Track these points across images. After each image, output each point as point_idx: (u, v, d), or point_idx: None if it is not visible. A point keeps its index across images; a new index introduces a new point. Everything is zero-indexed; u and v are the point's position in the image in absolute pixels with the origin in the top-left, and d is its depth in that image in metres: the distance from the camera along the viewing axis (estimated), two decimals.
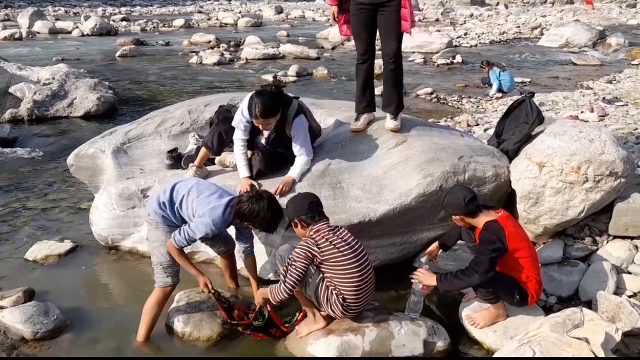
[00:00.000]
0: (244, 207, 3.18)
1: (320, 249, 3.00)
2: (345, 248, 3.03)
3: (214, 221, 3.16)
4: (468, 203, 3.15)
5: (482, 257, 3.03)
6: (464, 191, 3.23)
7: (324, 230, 3.07)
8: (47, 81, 8.99)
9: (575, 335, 2.78)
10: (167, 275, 3.28)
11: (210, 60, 14.36)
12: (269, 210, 3.18)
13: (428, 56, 14.69)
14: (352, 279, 3.01)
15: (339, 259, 3.00)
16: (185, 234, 3.17)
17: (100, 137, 4.66)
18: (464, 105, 9.34)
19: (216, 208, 3.20)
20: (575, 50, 15.76)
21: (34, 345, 3.22)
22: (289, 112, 3.82)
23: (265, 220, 3.19)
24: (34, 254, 4.25)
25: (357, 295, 3.03)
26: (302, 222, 3.12)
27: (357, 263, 3.04)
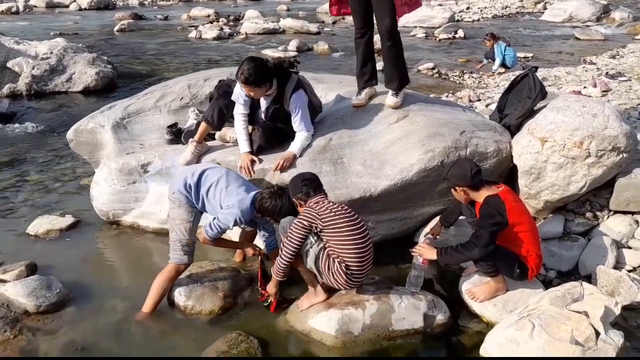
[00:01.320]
0: (266, 203, 3.21)
1: (321, 216, 3.02)
2: (345, 215, 3.05)
3: (243, 212, 3.21)
4: (474, 175, 3.14)
5: (483, 231, 3.04)
6: (470, 163, 3.24)
7: (323, 201, 3.11)
8: (45, 56, 8.89)
9: (574, 309, 2.81)
10: (184, 253, 3.32)
11: (210, 34, 14.20)
12: (291, 204, 3.21)
13: (430, 31, 14.51)
14: (355, 245, 3.03)
15: (340, 224, 3.02)
16: (217, 227, 3.23)
17: (100, 112, 4.63)
18: (465, 80, 9.26)
19: (244, 200, 3.24)
20: (578, 24, 15.56)
21: (37, 318, 3.25)
22: (287, 86, 3.78)
23: (287, 214, 3.23)
24: (36, 228, 4.26)
25: (360, 262, 3.05)
26: (299, 200, 3.16)
27: (359, 230, 3.06)
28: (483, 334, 3.03)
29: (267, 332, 3.15)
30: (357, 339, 3.03)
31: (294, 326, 3.18)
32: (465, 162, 3.30)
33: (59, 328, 3.18)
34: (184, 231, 3.30)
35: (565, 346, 2.65)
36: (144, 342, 3.15)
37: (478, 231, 3.08)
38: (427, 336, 3.12)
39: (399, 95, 4.13)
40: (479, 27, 15.59)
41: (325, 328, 3.07)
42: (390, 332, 3.07)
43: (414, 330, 3.10)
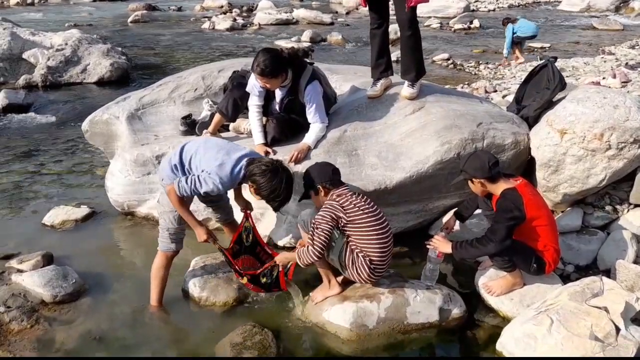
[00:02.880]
0: (257, 177, 3.03)
1: (346, 210, 2.99)
2: (368, 209, 3.03)
3: (222, 179, 3.03)
4: (491, 167, 3.09)
5: (499, 226, 2.99)
6: (487, 155, 3.19)
7: (346, 194, 3.06)
8: (60, 47, 8.94)
9: (594, 304, 2.76)
10: (171, 241, 3.23)
11: (223, 25, 14.18)
12: (285, 188, 3.05)
13: (444, 21, 14.38)
14: (378, 239, 3.01)
15: (364, 219, 2.99)
16: (192, 183, 3.02)
17: (114, 103, 4.63)
18: (481, 71, 9.16)
19: (224, 165, 3.06)
20: (596, 14, 15.31)
21: (54, 308, 3.27)
22: (302, 77, 3.75)
23: (280, 200, 3.08)
24: (52, 219, 4.29)
25: (382, 256, 3.04)
26: (325, 189, 3.10)
27: (381, 224, 3.04)
28: (499, 329, 3.00)
29: (281, 324, 3.15)
30: (372, 332, 3.02)
31: (308, 318, 3.17)
32: (482, 154, 3.25)
33: (75, 318, 3.20)
34: (172, 219, 3.20)
35: (584, 342, 2.61)
36: (159, 333, 3.17)
37: (494, 225, 3.03)
38: (443, 330, 3.09)
39: (415, 87, 4.07)
40: (495, 18, 15.40)
41: (339, 321, 3.05)
42: (405, 325, 3.05)
43: (429, 324, 3.07)
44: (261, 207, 3.92)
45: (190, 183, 3.02)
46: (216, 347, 2.95)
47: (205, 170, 3.06)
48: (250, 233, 3.36)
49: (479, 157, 3.18)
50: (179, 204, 3.09)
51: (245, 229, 3.39)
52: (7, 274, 3.52)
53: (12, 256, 3.75)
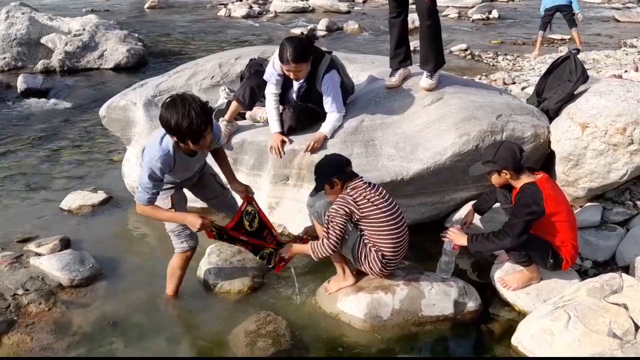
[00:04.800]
0: (160, 115, 2.63)
1: (359, 206, 2.96)
2: (382, 204, 3.00)
3: (152, 155, 2.72)
4: (521, 158, 3.03)
5: (516, 220, 2.96)
6: (516, 146, 3.11)
7: (361, 188, 3.02)
8: (78, 32, 8.98)
9: (613, 301, 2.72)
10: (182, 241, 3.11)
11: (239, 13, 14.15)
12: (188, 114, 2.54)
13: (463, 11, 14.20)
14: (391, 235, 2.99)
15: (377, 215, 2.97)
16: (140, 185, 2.78)
17: (132, 90, 4.64)
18: (499, 62, 9.04)
19: (152, 140, 2.80)
20: (618, 6, 15.01)
21: (71, 292, 3.31)
22: (320, 66, 3.72)
23: (187, 128, 2.56)
24: (69, 203, 4.33)
25: (395, 250, 3.02)
26: (340, 182, 3.05)
27: (395, 219, 3.01)
28: (515, 323, 2.98)
29: (295, 313, 3.15)
30: (386, 323, 3.01)
31: (322, 308, 3.17)
32: (511, 144, 3.15)
33: (91, 302, 3.24)
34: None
35: (602, 339, 2.58)
36: (173, 319, 3.19)
37: (512, 220, 2.99)
38: (457, 323, 3.07)
39: (434, 77, 4.02)
40: (514, 8, 15.19)
41: (354, 311, 3.05)
42: (420, 317, 3.03)
43: (444, 316, 3.06)
44: (276, 197, 3.93)
45: (141, 189, 2.78)
46: (230, 335, 2.96)
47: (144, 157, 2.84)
48: (255, 218, 3.19)
49: (509, 147, 3.07)
50: (153, 211, 2.83)
51: (247, 214, 3.17)
52: (26, 257, 3.57)
53: (30, 239, 3.81)
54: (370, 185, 3.07)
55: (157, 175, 2.74)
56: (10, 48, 8.69)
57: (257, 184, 4.02)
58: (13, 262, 3.50)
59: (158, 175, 2.74)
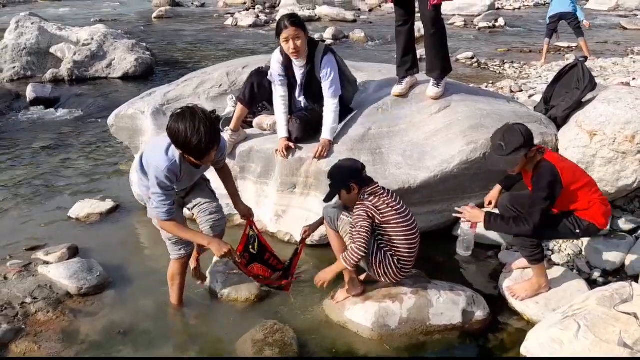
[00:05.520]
0: (168, 126, 2.58)
1: (380, 211, 2.94)
2: (399, 209, 2.98)
3: (158, 163, 2.67)
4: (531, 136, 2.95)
5: (536, 209, 2.89)
6: (519, 125, 3.00)
7: (379, 193, 2.99)
8: (86, 42, 9.07)
9: (623, 310, 2.69)
10: (179, 248, 3.06)
11: (246, 22, 14.25)
12: (198, 131, 2.49)
13: (469, 19, 14.21)
14: (407, 239, 2.98)
15: (396, 219, 2.96)
16: (154, 200, 2.73)
17: (140, 98, 4.68)
18: (506, 70, 9.03)
19: (157, 149, 2.73)
20: (625, 13, 14.97)
21: (79, 300, 3.32)
22: (317, 52, 3.80)
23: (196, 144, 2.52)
24: (77, 212, 4.35)
25: (410, 255, 3.02)
26: (358, 186, 3.00)
27: (411, 224, 3.01)
28: (524, 332, 2.95)
29: (303, 322, 3.14)
30: (394, 332, 2.99)
31: (330, 317, 3.16)
32: (515, 124, 3.01)
33: (99, 310, 3.24)
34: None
35: (612, 348, 2.55)
36: (181, 327, 3.19)
37: (531, 209, 2.92)
38: (465, 332, 3.05)
39: (440, 86, 4.03)
40: (520, 16, 15.20)
41: (361, 320, 3.03)
42: (428, 326, 3.01)
43: (452, 325, 3.03)
44: (283, 205, 3.93)
45: (152, 201, 2.75)
46: (237, 343, 2.95)
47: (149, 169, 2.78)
48: (255, 241, 3.17)
49: (515, 128, 2.93)
50: (175, 228, 2.80)
51: (249, 238, 3.16)
52: (34, 266, 3.58)
53: (39, 248, 3.82)
54: (385, 190, 3.06)
55: (167, 184, 2.70)
56: (20, 57, 8.79)
57: (264, 192, 4.03)
58: (21, 271, 3.51)
59: (167, 184, 2.70)
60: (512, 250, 3.73)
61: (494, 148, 3.01)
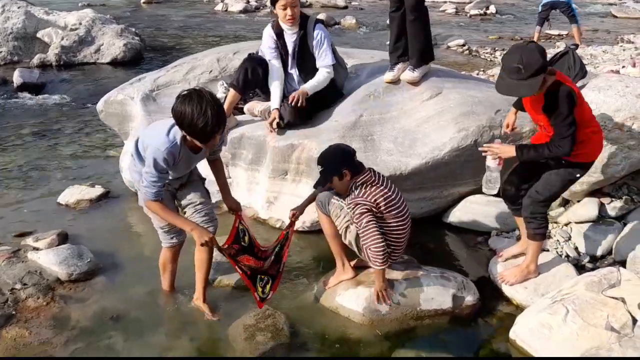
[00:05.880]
0: (173, 108, 2.55)
1: (378, 205, 2.93)
2: (391, 196, 2.97)
3: (158, 143, 2.63)
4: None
5: (566, 136, 2.75)
6: (533, 44, 2.77)
7: (372, 181, 2.95)
8: (74, 27, 8.94)
9: (611, 294, 2.73)
10: (170, 236, 3.04)
11: (236, 7, 14.10)
12: (204, 113, 2.46)
13: (460, 6, 14.18)
14: (398, 225, 3.00)
15: (390, 210, 2.96)
16: (145, 179, 2.68)
17: (129, 84, 4.63)
18: (497, 58, 9.04)
19: (158, 131, 2.71)
20: (615, 1, 15.02)
21: (69, 286, 3.30)
22: (308, 23, 3.89)
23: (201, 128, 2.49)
24: (66, 198, 4.32)
25: (400, 239, 3.03)
26: (350, 172, 2.96)
27: (401, 210, 3.01)
28: (513, 317, 2.99)
29: (294, 308, 3.15)
30: (385, 317, 3.02)
31: (321, 302, 3.17)
32: (531, 43, 2.77)
33: (90, 296, 3.23)
34: (158, 218, 2.94)
35: (600, 332, 2.60)
36: (172, 313, 3.18)
37: (560, 139, 2.78)
38: (455, 317, 3.08)
39: (417, 71, 4.02)
40: (511, 4, 15.18)
41: (353, 305, 3.05)
42: (418, 311, 3.04)
43: (442, 310, 3.06)
44: (274, 191, 3.92)
45: (144, 179, 2.68)
46: (229, 329, 2.97)
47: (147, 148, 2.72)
48: (245, 235, 3.09)
49: (532, 48, 2.69)
50: (161, 210, 2.75)
51: (239, 231, 3.06)
52: (23, 252, 3.55)
53: (28, 234, 3.78)
54: (376, 176, 3.02)
55: (162, 166, 2.66)
56: (6, 42, 8.65)
57: (256, 179, 4.03)
58: (10, 257, 3.48)
59: (163, 166, 2.66)
60: (502, 236, 3.77)
61: (508, 72, 2.71)
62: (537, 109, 2.88)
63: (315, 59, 3.92)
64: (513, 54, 2.72)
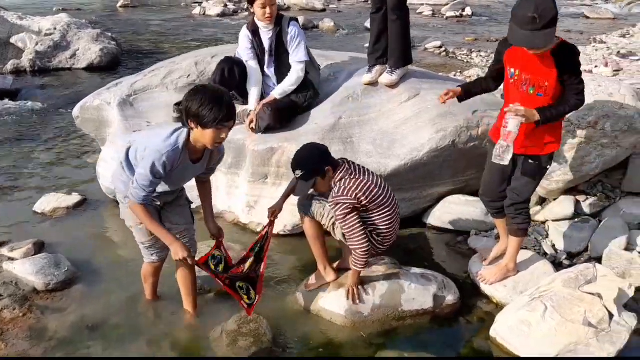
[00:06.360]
0: (183, 102, 2.53)
1: (360, 200, 2.92)
2: (371, 186, 2.95)
3: (159, 146, 2.52)
4: None
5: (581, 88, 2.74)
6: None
7: (350, 175, 2.93)
8: (49, 32, 8.80)
9: (587, 290, 2.78)
10: (151, 253, 2.96)
11: (214, 11, 14.02)
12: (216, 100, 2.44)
13: (436, 8, 14.30)
14: (384, 212, 3.00)
15: (371, 200, 2.94)
16: (137, 180, 2.57)
17: (106, 89, 4.58)
18: (473, 59, 9.13)
19: (159, 134, 2.62)
20: (588, 3, 15.31)
21: (46, 296, 3.25)
22: (283, 21, 3.95)
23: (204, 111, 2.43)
24: (43, 206, 4.25)
25: (390, 224, 3.03)
26: (332, 168, 2.93)
27: (385, 196, 3.00)
28: (493, 315, 3.02)
29: (276, 312, 3.14)
30: (367, 319, 3.02)
31: (303, 305, 3.17)
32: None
33: (68, 306, 3.18)
34: (140, 232, 2.85)
35: (578, 328, 2.64)
36: (153, 321, 3.14)
37: (578, 94, 2.74)
38: (437, 317, 3.10)
39: (395, 74, 4.05)
40: (487, 5, 15.37)
41: (334, 308, 3.05)
42: (400, 312, 3.05)
43: (424, 310, 3.08)
44: (255, 195, 3.91)
45: (137, 182, 2.58)
46: (211, 334, 2.94)
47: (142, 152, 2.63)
48: (220, 263, 2.97)
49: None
50: (144, 215, 2.64)
51: (213, 258, 2.95)
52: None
53: (3, 244, 3.71)
54: (352, 167, 2.99)
55: (159, 171, 2.53)
56: None
57: (235, 183, 4.01)
58: None
59: (160, 171, 2.54)
60: (482, 236, 3.81)
61: (522, 23, 2.58)
62: (540, 68, 2.74)
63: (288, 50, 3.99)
64: (526, 2, 2.58)
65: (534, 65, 2.76)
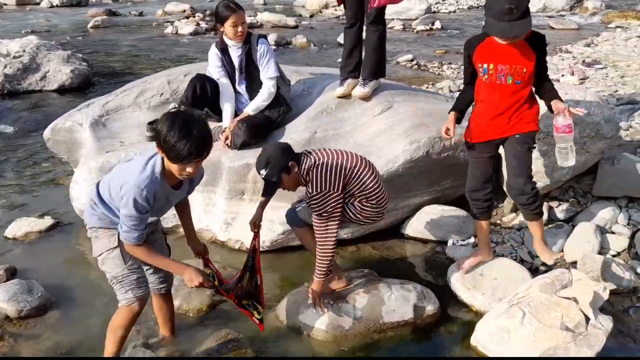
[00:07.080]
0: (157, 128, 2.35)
1: (338, 187, 2.90)
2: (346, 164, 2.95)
3: (137, 182, 2.36)
4: None
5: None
6: None
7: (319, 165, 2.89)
8: (18, 54, 8.66)
9: (564, 295, 2.82)
10: (125, 290, 2.61)
11: (186, 30, 14.00)
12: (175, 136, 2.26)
13: (407, 23, 14.52)
14: (371, 186, 3.01)
15: (353, 178, 2.96)
16: (125, 223, 2.43)
17: (77, 110, 4.52)
18: (444, 71, 9.28)
19: (131, 167, 2.46)
20: (553, 14, 15.73)
21: (19, 323, 3.16)
22: (252, 38, 3.97)
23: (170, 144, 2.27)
24: (14, 231, 4.15)
25: (378, 189, 3.05)
26: (297, 163, 2.91)
27: (363, 162, 3.03)
28: (473, 323, 3.04)
29: (256, 329, 3.08)
30: (348, 332, 3.01)
31: (284, 322, 3.15)
32: None
33: (42, 333, 3.10)
34: (117, 261, 2.59)
35: (555, 332, 2.67)
36: (131, 348, 3.07)
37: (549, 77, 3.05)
38: (417, 327, 3.11)
39: (367, 86, 4.09)
40: (456, 19, 15.67)
41: (315, 323, 3.04)
42: (381, 324, 3.05)
43: (404, 321, 3.09)
44: (232, 212, 3.89)
45: (124, 224, 2.43)
46: (192, 354, 2.90)
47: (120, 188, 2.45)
48: (214, 279, 2.87)
49: None
50: (146, 254, 2.52)
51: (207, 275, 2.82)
52: None
53: None
54: (315, 154, 2.97)
55: (143, 205, 2.38)
56: None
57: (212, 200, 3.98)
58: None
59: (144, 205, 2.38)
60: (459, 245, 3.84)
61: (500, 14, 2.71)
62: (517, 56, 2.88)
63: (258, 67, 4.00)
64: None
65: (509, 55, 2.88)
